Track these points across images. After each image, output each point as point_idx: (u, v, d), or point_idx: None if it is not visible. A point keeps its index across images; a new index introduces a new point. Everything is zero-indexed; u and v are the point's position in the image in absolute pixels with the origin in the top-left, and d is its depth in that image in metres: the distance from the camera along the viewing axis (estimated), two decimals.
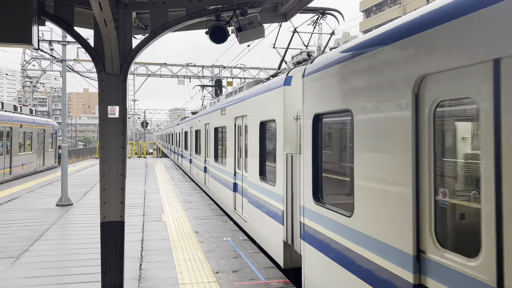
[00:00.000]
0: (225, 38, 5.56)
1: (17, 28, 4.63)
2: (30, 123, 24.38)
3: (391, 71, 3.62)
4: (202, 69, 35.34)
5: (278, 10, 6.32)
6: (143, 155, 47.82)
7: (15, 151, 21.84)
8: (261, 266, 7.34)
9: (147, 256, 7.97)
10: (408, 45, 3.41)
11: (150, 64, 34.32)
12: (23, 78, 31.38)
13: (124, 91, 5.41)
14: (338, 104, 4.65)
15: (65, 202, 13.66)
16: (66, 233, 10.04)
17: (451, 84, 2.97)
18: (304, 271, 5.67)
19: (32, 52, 29.24)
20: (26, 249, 8.48)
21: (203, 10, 5.53)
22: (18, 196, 15.82)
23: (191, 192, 16.94)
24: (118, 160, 5.37)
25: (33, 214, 12.09)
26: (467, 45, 2.80)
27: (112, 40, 4.88)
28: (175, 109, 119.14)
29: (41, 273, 7.10)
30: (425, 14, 3.26)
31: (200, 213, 12.38)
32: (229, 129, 11.60)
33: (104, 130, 5.35)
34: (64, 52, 15.77)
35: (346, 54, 4.54)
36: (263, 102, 8.31)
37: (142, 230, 10.17)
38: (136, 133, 73.33)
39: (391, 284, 3.58)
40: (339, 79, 4.67)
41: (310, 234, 5.43)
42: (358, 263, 4.17)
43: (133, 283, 6.52)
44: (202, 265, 7.45)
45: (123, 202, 5.43)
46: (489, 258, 2.63)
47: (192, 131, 21.61)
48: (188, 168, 23.03)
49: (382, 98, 3.75)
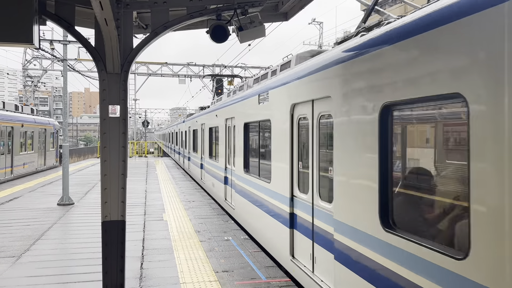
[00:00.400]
0: (226, 37, 5.57)
1: (18, 27, 4.64)
2: (31, 122, 24.41)
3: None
4: (203, 68, 35.34)
5: (279, 9, 6.32)
6: (144, 154, 47.87)
7: (16, 150, 21.88)
8: (262, 265, 7.34)
9: (148, 255, 7.98)
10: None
11: (151, 64, 34.35)
12: (24, 78, 31.41)
13: (125, 91, 5.42)
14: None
15: (66, 201, 13.69)
16: (67, 232, 10.06)
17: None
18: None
19: (33, 51, 29.27)
20: (28, 249, 8.50)
21: (204, 9, 5.53)
22: (19, 195, 15.84)
23: (192, 192, 16.95)
24: (119, 159, 5.38)
25: (34, 214, 12.11)
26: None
27: (113, 40, 4.88)
28: (176, 108, 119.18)
29: (43, 272, 7.11)
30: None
31: (201, 212, 12.39)
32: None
33: (105, 129, 5.36)
34: (65, 51, 15.78)
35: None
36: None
37: (143, 229, 10.18)
38: (137, 132, 73.40)
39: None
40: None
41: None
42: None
43: (134, 282, 6.53)
44: (203, 264, 7.46)
45: (124, 201, 5.44)
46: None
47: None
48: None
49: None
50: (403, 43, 3.60)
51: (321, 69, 5.44)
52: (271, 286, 6.41)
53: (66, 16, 5.23)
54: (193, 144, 21.72)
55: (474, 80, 2.79)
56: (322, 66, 5.40)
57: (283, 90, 7.01)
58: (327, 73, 5.21)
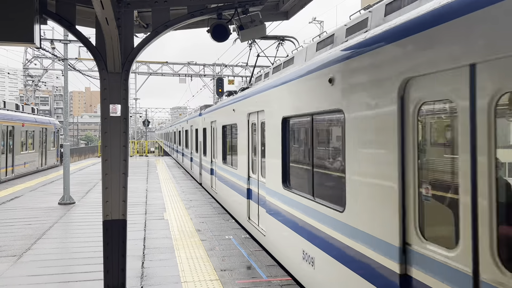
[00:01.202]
0: (227, 36, 5.57)
1: (19, 27, 4.65)
2: (32, 122, 24.43)
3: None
4: (203, 68, 35.39)
5: (279, 8, 6.32)
6: (144, 153, 47.91)
7: (17, 149, 21.90)
8: (263, 264, 7.35)
9: (149, 254, 7.99)
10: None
11: (151, 63, 34.39)
12: (25, 77, 31.44)
13: (126, 90, 5.43)
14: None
15: (67, 200, 13.70)
16: (68, 231, 10.07)
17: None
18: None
19: (34, 51, 29.31)
20: (29, 248, 8.51)
21: (204, 8, 5.54)
22: (20, 194, 15.86)
23: (193, 191, 16.95)
24: (120, 158, 5.39)
25: (35, 213, 12.12)
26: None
27: (114, 39, 4.88)
28: (177, 107, 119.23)
29: (44, 271, 7.12)
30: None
31: (202, 211, 12.40)
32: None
33: (106, 128, 5.37)
34: (65, 51, 15.79)
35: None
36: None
37: (144, 228, 10.19)
38: (137, 131, 73.43)
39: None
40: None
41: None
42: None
43: (136, 281, 6.54)
44: (204, 263, 7.47)
45: (125, 200, 5.45)
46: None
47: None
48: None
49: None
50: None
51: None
52: (272, 285, 6.41)
53: (67, 16, 5.24)
54: (203, 145, 17.73)
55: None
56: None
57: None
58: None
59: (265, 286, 6.37)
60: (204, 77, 35.61)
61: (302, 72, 6.07)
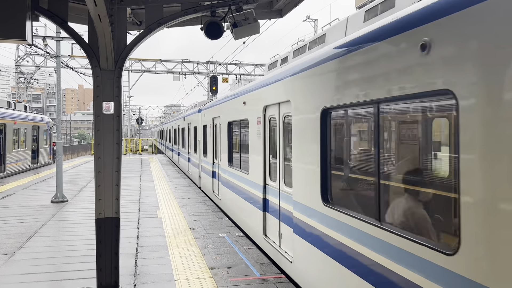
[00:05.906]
0: (220, 34, 5.56)
1: (10, 23, 4.61)
2: (24, 119, 24.23)
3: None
4: (197, 65, 35.26)
5: (273, 6, 6.32)
6: (138, 151, 47.73)
7: (9, 147, 21.71)
8: (256, 262, 7.36)
9: (143, 252, 7.98)
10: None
11: (145, 60, 34.20)
12: (17, 74, 31.16)
13: (119, 87, 5.40)
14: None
15: (60, 198, 13.62)
16: (61, 229, 10.02)
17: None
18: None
19: (26, 48, 29.04)
20: (21, 246, 8.46)
21: (198, 5, 5.52)
22: (12, 192, 15.74)
23: (186, 189, 16.93)
24: (113, 156, 5.37)
25: (28, 211, 12.05)
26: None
27: (107, 36, 4.86)
28: (170, 105, 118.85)
29: (36, 269, 7.09)
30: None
31: (196, 209, 12.39)
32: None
33: (99, 126, 5.35)
34: (58, 48, 15.66)
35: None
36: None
37: (138, 226, 10.16)
38: (131, 129, 73.08)
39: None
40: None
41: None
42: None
43: (129, 279, 6.53)
44: (198, 261, 7.47)
45: (118, 198, 5.43)
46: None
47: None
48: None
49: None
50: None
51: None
52: (265, 282, 6.43)
53: (60, 12, 5.20)
54: (203, 145, 16.08)
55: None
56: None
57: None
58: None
59: (259, 284, 6.39)
60: (198, 75, 35.50)
61: (370, 37, 4.07)
